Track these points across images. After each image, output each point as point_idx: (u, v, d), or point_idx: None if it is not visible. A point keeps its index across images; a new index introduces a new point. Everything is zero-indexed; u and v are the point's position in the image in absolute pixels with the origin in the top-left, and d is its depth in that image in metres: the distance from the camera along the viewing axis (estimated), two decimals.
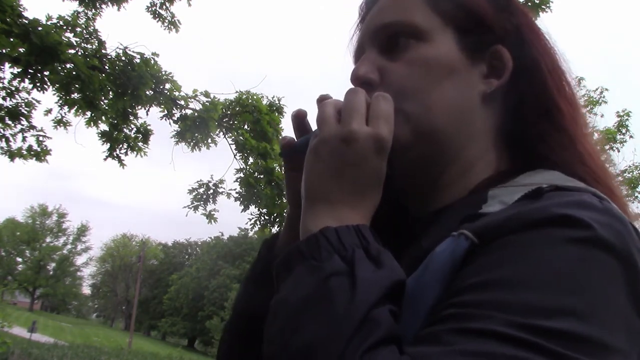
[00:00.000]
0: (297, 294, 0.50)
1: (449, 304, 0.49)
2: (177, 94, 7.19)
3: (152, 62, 6.68)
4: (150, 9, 7.36)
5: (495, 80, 0.66)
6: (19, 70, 5.98)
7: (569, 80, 0.69)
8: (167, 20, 7.45)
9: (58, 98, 6.50)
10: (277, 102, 7.91)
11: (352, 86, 0.66)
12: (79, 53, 6.44)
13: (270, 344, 0.51)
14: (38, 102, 6.83)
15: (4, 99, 6.58)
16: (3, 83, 6.49)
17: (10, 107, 6.62)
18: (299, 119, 0.71)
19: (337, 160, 0.58)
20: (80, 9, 7.06)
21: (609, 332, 0.46)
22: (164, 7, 7.40)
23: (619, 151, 11.09)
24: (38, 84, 6.00)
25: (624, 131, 11.12)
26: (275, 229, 7.89)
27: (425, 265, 0.54)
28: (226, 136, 7.86)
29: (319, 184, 0.59)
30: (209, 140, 7.50)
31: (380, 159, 0.59)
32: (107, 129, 7.04)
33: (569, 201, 0.52)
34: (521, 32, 0.68)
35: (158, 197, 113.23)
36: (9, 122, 6.69)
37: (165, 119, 7.26)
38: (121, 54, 6.63)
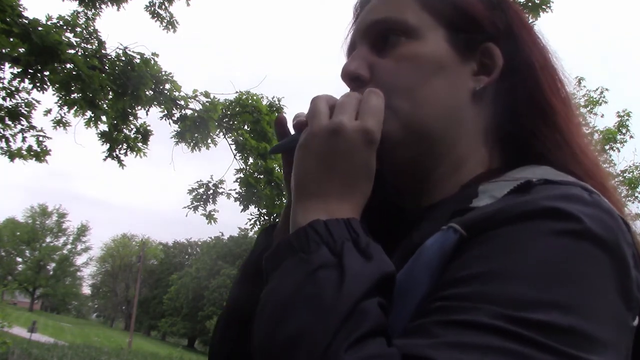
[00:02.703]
0: (285, 286, 0.51)
1: (437, 297, 0.49)
2: (177, 94, 7.19)
3: (152, 62, 6.68)
4: (149, 8, 7.35)
5: (485, 77, 0.67)
6: (19, 70, 5.98)
7: (562, 79, 0.70)
8: (165, 20, 7.45)
9: (58, 98, 6.49)
10: (277, 102, 7.91)
11: (343, 79, 0.69)
12: (79, 53, 6.44)
13: (259, 334, 0.51)
14: (38, 102, 6.83)
15: (4, 99, 6.58)
16: (3, 83, 6.50)
17: (10, 107, 6.61)
18: (281, 125, 0.72)
19: (326, 153, 0.58)
20: (80, 9, 7.06)
21: (596, 325, 0.46)
22: (163, 6, 7.40)
23: (619, 151, 11.09)
24: (38, 84, 6.00)
25: (624, 131, 11.11)
26: None
27: (415, 259, 0.55)
28: (226, 136, 7.86)
29: (309, 177, 0.59)
30: (209, 141, 7.50)
31: (369, 151, 0.59)
32: (106, 129, 7.03)
33: (557, 194, 0.52)
34: (513, 30, 0.68)
35: (158, 197, 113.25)
36: (9, 122, 6.68)
37: (165, 119, 7.26)
38: (121, 54, 6.63)
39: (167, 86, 7.05)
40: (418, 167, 0.67)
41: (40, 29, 5.62)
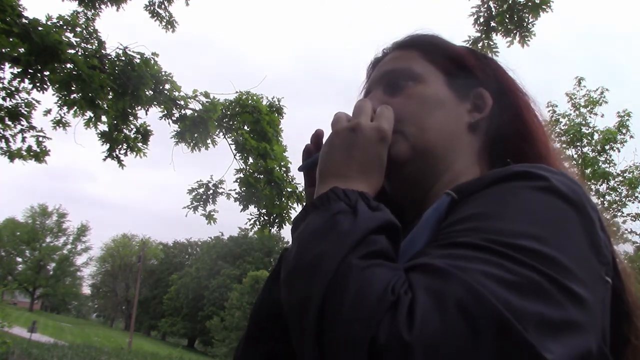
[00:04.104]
0: (309, 227, 0.61)
1: (434, 240, 0.60)
2: (176, 94, 7.19)
3: (152, 62, 6.68)
4: (148, 7, 7.35)
5: (477, 114, 0.82)
6: (19, 70, 5.98)
7: (538, 114, 0.85)
8: (165, 20, 7.45)
9: (58, 98, 6.49)
10: (277, 102, 7.92)
11: None
12: (79, 53, 6.44)
13: (287, 266, 0.60)
14: (38, 102, 6.84)
15: (4, 99, 6.59)
16: (3, 83, 6.50)
17: (10, 107, 6.62)
18: (319, 137, 0.85)
19: (346, 145, 0.70)
20: (80, 9, 7.06)
21: (571, 261, 0.53)
22: (163, 6, 7.39)
23: (619, 151, 11.09)
24: (38, 84, 6.00)
25: (624, 131, 11.11)
26: (274, 229, 7.89)
27: (416, 226, 0.66)
28: (226, 136, 7.86)
29: (331, 164, 0.70)
30: (209, 141, 7.50)
31: (382, 146, 0.71)
32: (106, 129, 7.03)
33: (528, 164, 0.64)
34: (498, 78, 0.84)
35: (158, 197, 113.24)
36: (9, 123, 6.68)
37: (165, 119, 7.26)
38: (121, 54, 6.63)
39: (167, 86, 7.05)
40: (422, 182, 0.79)
41: (40, 29, 5.62)
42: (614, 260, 0.63)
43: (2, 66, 6.24)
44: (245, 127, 7.72)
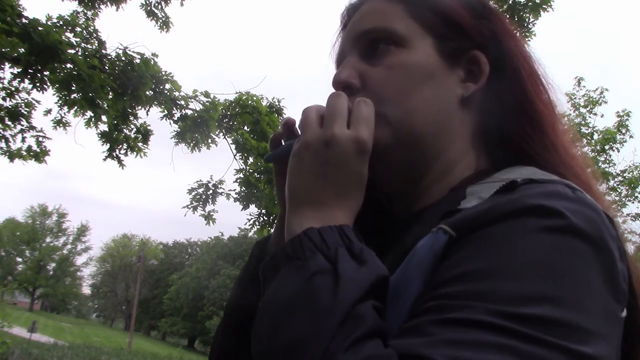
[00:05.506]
0: (283, 293, 0.52)
1: (430, 297, 0.50)
2: (177, 94, 7.18)
3: (152, 62, 6.67)
4: (145, 7, 7.33)
5: (472, 84, 0.69)
6: (19, 70, 5.98)
7: (546, 85, 0.71)
8: (160, 20, 7.42)
9: (58, 98, 6.49)
10: (277, 103, 7.91)
11: (334, 88, 0.69)
12: (79, 53, 6.44)
13: (259, 341, 0.52)
14: (38, 102, 6.83)
15: (3, 99, 6.58)
16: (3, 83, 6.50)
17: (10, 107, 6.61)
18: (289, 126, 0.73)
19: (320, 163, 0.60)
20: (80, 9, 7.06)
21: (587, 317, 0.47)
22: (160, 6, 7.37)
23: (619, 151, 11.09)
24: (38, 84, 6.00)
25: (624, 131, 11.11)
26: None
27: (407, 261, 0.56)
28: (226, 136, 7.86)
29: (303, 186, 0.60)
30: (209, 141, 7.49)
31: (361, 161, 0.60)
32: (106, 129, 7.03)
33: (541, 192, 0.53)
34: (498, 38, 0.70)
35: (158, 197, 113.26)
36: (9, 123, 6.68)
37: (165, 119, 7.26)
38: (121, 54, 6.63)
39: (167, 86, 7.04)
40: (409, 172, 0.68)
41: (40, 29, 5.62)
42: (630, 278, 0.56)
43: (2, 66, 6.24)
44: (245, 128, 7.72)
